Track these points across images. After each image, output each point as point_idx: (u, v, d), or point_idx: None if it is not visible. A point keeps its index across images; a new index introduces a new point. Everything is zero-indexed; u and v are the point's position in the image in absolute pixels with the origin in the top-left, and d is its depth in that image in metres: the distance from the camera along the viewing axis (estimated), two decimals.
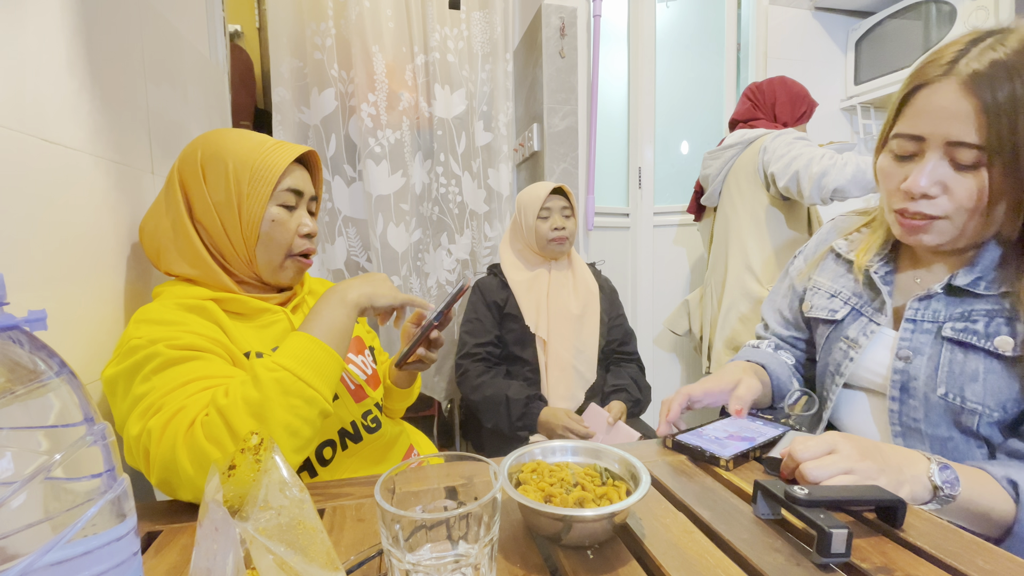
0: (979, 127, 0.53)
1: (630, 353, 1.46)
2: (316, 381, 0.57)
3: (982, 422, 0.58)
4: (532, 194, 1.35)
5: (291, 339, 0.60)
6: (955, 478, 0.52)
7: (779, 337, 0.86)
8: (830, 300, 0.75)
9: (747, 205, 1.56)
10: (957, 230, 0.59)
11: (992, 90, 0.52)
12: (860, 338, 0.69)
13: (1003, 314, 0.58)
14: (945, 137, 0.56)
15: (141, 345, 0.57)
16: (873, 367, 0.68)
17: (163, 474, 0.52)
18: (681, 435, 0.66)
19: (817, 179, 1.31)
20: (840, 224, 0.81)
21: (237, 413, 0.52)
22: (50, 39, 0.62)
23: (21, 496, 0.23)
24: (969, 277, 0.60)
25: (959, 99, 0.54)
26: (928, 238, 0.61)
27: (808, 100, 1.59)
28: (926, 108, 0.57)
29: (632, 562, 0.43)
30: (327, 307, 0.63)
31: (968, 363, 0.59)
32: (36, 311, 0.27)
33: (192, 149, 0.69)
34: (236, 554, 0.32)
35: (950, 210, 0.58)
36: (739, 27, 2.02)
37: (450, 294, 0.73)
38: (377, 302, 0.67)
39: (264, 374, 0.55)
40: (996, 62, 0.52)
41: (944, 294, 0.62)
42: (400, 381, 0.88)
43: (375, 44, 1.49)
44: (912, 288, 0.68)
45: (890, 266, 0.70)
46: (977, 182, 0.55)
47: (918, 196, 0.58)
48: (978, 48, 0.55)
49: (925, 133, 0.57)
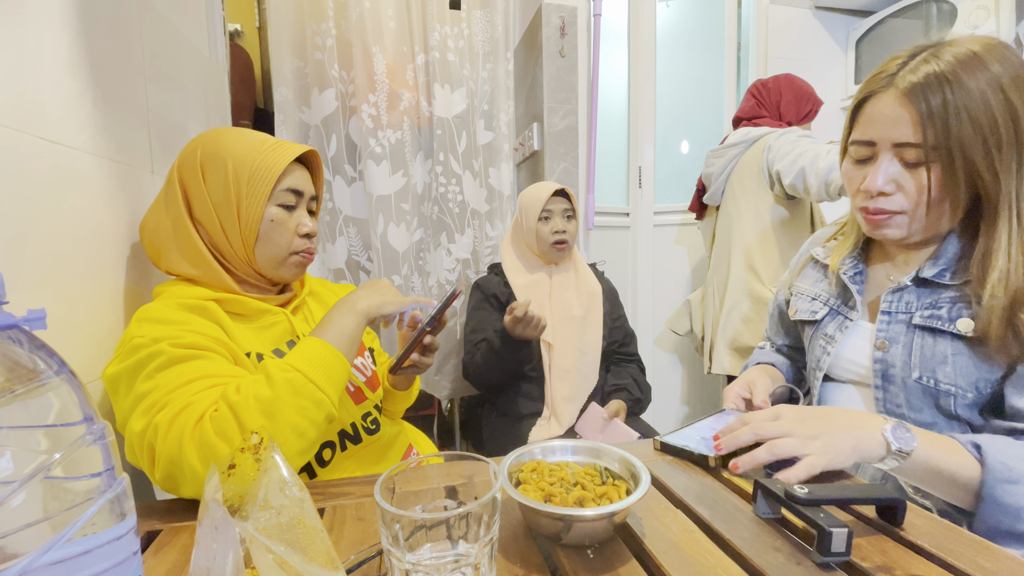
0: (918, 130, 0.60)
1: (631, 354, 1.45)
2: (326, 385, 0.58)
3: (958, 403, 0.62)
4: (533, 195, 1.33)
5: (304, 343, 0.61)
6: (910, 436, 0.55)
7: (774, 344, 0.96)
8: (811, 303, 0.82)
9: (750, 204, 1.56)
10: (916, 223, 0.65)
11: (926, 98, 0.59)
12: (836, 334, 0.75)
13: (964, 300, 0.63)
14: (891, 139, 0.62)
15: (144, 343, 0.57)
16: (855, 358, 0.73)
17: (168, 469, 0.52)
18: (667, 436, 0.67)
19: (824, 175, 1.30)
20: (819, 235, 0.90)
21: (248, 409, 0.53)
22: (50, 39, 0.62)
23: (21, 495, 0.23)
24: (935, 269, 0.65)
25: (898, 107, 0.61)
26: (891, 232, 0.67)
27: (814, 98, 1.58)
28: (873, 116, 0.64)
29: (632, 561, 0.43)
30: (338, 315, 0.65)
31: (937, 346, 0.64)
32: (36, 310, 0.27)
33: (192, 148, 0.69)
34: (236, 553, 0.32)
35: (906, 205, 0.64)
36: (739, 26, 2.02)
37: (443, 299, 0.73)
38: (385, 310, 0.69)
39: (277, 374, 0.56)
40: (929, 73, 0.59)
41: (914, 286, 0.67)
42: (399, 384, 0.88)
43: (376, 44, 1.49)
44: (884, 283, 0.73)
45: (860, 265, 0.76)
46: (925, 178, 0.62)
47: (876, 194, 0.65)
48: (915, 61, 0.61)
49: (875, 138, 0.64)
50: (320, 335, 0.62)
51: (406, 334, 0.79)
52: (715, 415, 0.76)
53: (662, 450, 0.65)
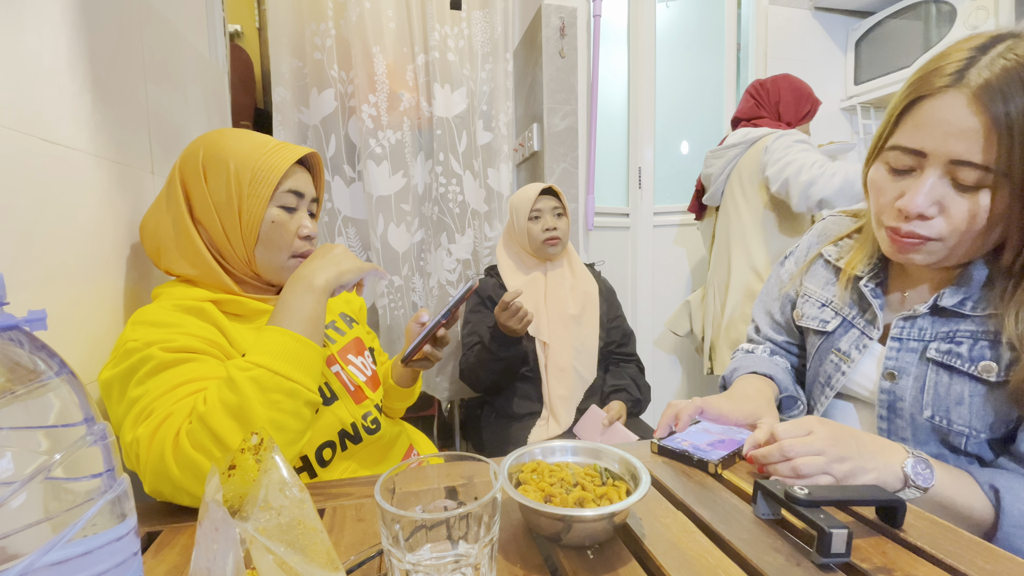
0: (988, 146, 0.49)
1: (629, 354, 1.45)
2: (294, 373, 0.57)
3: (970, 443, 0.58)
4: (522, 196, 1.35)
5: (262, 335, 0.59)
6: (930, 473, 0.52)
7: (772, 342, 0.85)
8: (821, 310, 0.73)
9: (750, 205, 1.56)
10: (948, 251, 0.56)
11: (1005, 104, 0.47)
12: (852, 352, 0.68)
13: (987, 336, 0.56)
14: (949, 155, 0.51)
15: (136, 348, 0.57)
16: (862, 380, 0.68)
17: (155, 483, 0.52)
18: (665, 440, 0.66)
19: (804, 188, 1.34)
20: (830, 228, 0.79)
21: (217, 418, 0.52)
22: (50, 39, 0.62)
23: (21, 496, 0.23)
24: (956, 298, 0.58)
25: (968, 114, 0.49)
26: (919, 258, 0.58)
27: (812, 99, 1.59)
28: (929, 121, 0.52)
29: (632, 562, 0.43)
30: (294, 296, 0.62)
31: (953, 386, 0.58)
32: (36, 311, 0.27)
33: (194, 148, 0.69)
34: (236, 554, 0.32)
35: (945, 232, 0.54)
36: (739, 27, 2.02)
37: (458, 293, 0.73)
38: (344, 280, 0.66)
39: (238, 374, 0.54)
40: (1009, 72, 0.47)
41: (929, 314, 0.61)
42: (402, 380, 0.88)
43: (376, 45, 1.49)
44: (898, 304, 0.66)
45: (879, 278, 0.68)
46: (978, 204, 0.52)
47: (914, 216, 0.55)
48: (988, 56, 0.50)
49: (927, 149, 0.53)
50: (278, 322, 0.60)
51: (412, 329, 0.80)
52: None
53: (659, 453, 0.65)
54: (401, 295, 1.60)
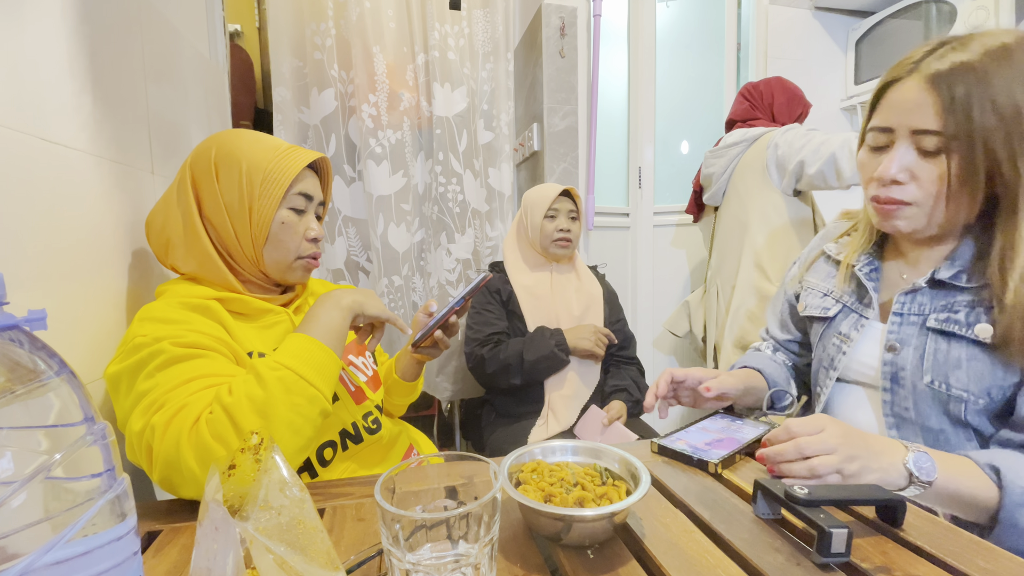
0: (938, 116, 0.58)
1: (630, 357, 1.46)
2: (317, 380, 0.59)
3: (969, 410, 0.61)
4: (540, 193, 1.35)
5: (291, 340, 0.61)
6: (931, 466, 0.54)
7: (776, 340, 0.92)
8: (823, 299, 0.79)
9: (755, 203, 1.55)
10: (927, 217, 0.64)
11: (950, 86, 0.58)
12: (852, 332, 0.73)
13: (982, 304, 0.61)
14: (910, 126, 0.61)
15: (146, 343, 0.57)
16: (865, 360, 0.71)
17: (166, 471, 0.52)
18: (665, 439, 0.66)
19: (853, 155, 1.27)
20: (831, 230, 0.87)
21: (242, 410, 0.53)
22: (50, 39, 0.62)
23: (21, 496, 0.23)
24: (951, 271, 0.64)
25: (921, 93, 0.60)
26: (901, 224, 0.65)
27: (804, 101, 1.60)
28: (893, 102, 0.63)
29: (632, 562, 0.43)
30: (323, 310, 0.65)
31: (952, 351, 0.62)
32: (36, 311, 0.27)
33: (206, 148, 0.69)
34: (236, 554, 0.32)
35: (918, 196, 0.63)
36: (739, 27, 2.02)
37: (473, 282, 0.75)
38: (368, 310, 0.69)
39: (267, 372, 0.56)
40: (956, 61, 0.58)
41: (928, 288, 0.66)
42: (407, 373, 0.89)
43: (376, 44, 1.49)
44: (898, 283, 0.71)
45: (875, 263, 0.74)
46: (940, 168, 0.60)
47: (888, 182, 0.64)
48: (943, 49, 0.60)
49: (893, 124, 0.63)
50: (306, 331, 0.63)
51: (420, 320, 0.81)
52: (709, 417, 0.76)
53: (659, 453, 0.65)
54: (401, 295, 1.60)
